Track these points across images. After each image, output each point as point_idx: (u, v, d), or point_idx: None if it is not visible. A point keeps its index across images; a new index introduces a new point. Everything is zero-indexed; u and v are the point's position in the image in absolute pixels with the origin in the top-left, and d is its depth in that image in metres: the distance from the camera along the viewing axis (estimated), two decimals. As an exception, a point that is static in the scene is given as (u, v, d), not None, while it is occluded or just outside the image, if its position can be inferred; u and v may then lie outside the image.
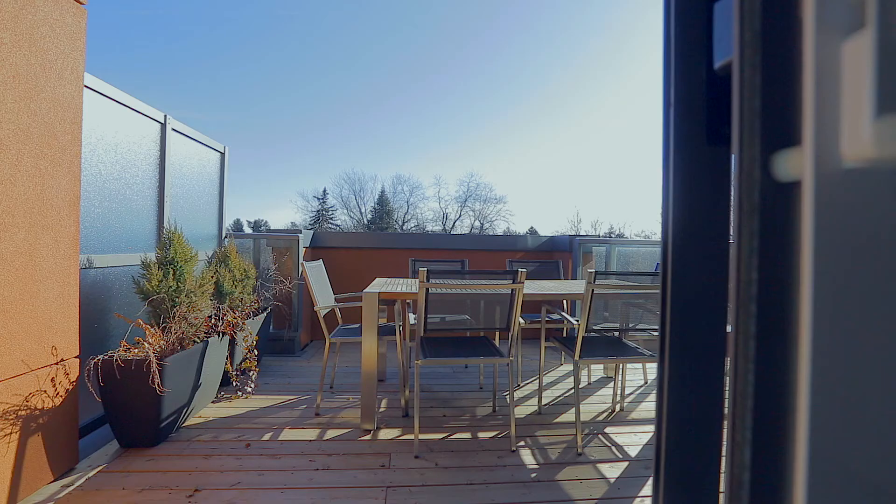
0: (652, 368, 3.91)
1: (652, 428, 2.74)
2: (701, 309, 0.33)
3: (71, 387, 2.08)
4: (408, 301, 3.18)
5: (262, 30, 51.81)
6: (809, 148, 0.23)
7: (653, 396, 3.32)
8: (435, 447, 2.44)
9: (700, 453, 0.34)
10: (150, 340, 2.34)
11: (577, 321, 2.50)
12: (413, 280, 3.39)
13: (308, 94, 56.13)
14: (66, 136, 2.06)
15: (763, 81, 0.25)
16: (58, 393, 2.00)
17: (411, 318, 2.91)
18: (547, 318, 3.24)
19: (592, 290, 2.38)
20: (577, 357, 2.47)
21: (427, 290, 2.32)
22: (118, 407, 2.25)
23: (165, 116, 3.12)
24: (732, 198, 0.34)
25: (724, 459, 0.35)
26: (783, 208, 0.24)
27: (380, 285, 2.94)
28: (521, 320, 2.52)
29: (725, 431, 0.34)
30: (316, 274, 3.11)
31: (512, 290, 2.39)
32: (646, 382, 3.64)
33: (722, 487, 0.36)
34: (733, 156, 0.34)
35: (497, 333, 3.56)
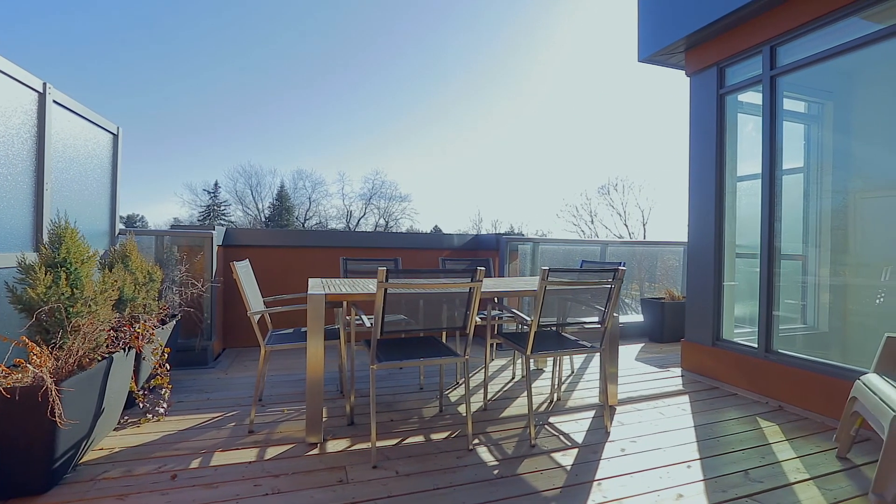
0: (578, 359, 4.21)
1: (590, 415, 2.94)
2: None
3: (-77, 429, 1.59)
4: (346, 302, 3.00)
5: (151, 14, 44.62)
6: None
7: (582, 385, 3.56)
8: (391, 454, 2.34)
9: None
10: (39, 362, 1.88)
11: (531, 318, 2.57)
12: (353, 280, 3.21)
13: (201, 83, 49.88)
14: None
15: None
16: None
17: (365, 320, 2.75)
18: (493, 315, 3.30)
19: (545, 287, 2.47)
20: (529, 352, 2.54)
21: (385, 290, 2.21)
22: (-6, 448, 1.77)
23: (45, 85, 2.52)
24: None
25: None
26: None
27: (319, 286, 2.73)
28: (478, 318, 2.53)
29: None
30: (246, 275, 2.79)
31: (470, 288, 2.38)
32: (573, 372, 3.90)
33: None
34: None
35: (448, 332, 3.53)
